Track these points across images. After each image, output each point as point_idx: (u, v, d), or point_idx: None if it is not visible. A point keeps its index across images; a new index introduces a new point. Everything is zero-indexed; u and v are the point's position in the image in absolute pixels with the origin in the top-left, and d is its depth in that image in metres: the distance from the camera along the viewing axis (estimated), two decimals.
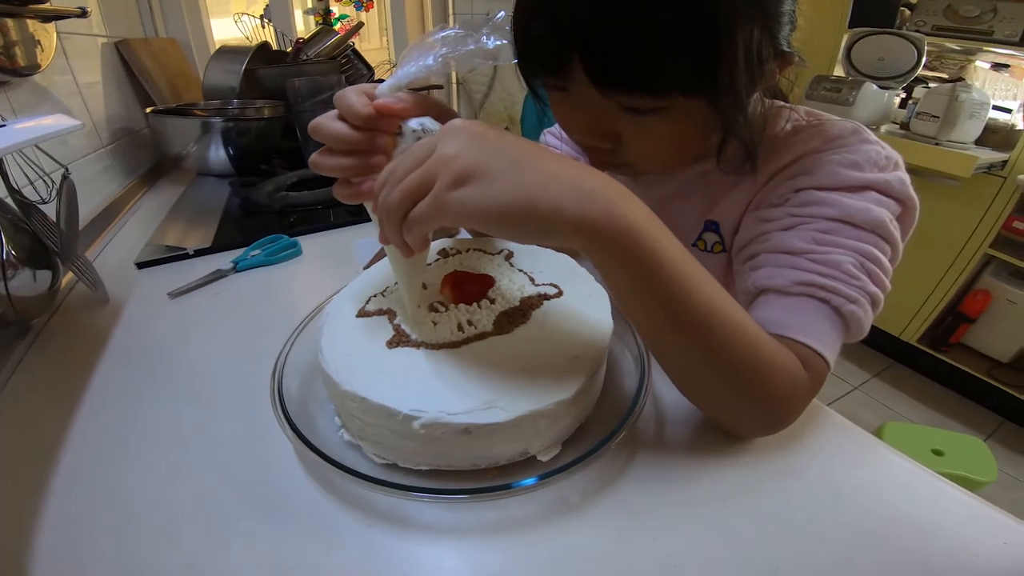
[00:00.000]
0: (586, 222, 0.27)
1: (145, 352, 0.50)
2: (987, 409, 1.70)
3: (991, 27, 1.57)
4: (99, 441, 0.39)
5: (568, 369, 0.33)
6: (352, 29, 1.41)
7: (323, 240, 0.75)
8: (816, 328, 0.36)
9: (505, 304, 0.38)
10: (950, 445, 1.30)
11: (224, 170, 1.02)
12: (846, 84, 1.73)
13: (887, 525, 0.32)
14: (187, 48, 1.45)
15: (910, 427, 1.39)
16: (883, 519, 0.32)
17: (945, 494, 0.34)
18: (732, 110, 0.37)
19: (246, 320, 0.55)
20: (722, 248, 0.49)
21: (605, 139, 0.41)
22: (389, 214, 0.29)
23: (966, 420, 1.67)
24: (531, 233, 0.28)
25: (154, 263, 0.67)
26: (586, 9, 0.33)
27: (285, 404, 0.35)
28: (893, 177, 0.39)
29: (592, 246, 0.28)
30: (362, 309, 0.39)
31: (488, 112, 1.94)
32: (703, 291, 0.31)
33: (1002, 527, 0.32)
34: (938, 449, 1.29)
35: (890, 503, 0.34)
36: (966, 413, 1.70)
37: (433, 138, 0.30)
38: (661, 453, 0.36)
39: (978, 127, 1.58)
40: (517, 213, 0.27)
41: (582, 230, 0.27)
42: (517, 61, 0.38)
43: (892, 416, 1.69)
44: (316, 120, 0.34)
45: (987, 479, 1.23)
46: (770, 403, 0.34)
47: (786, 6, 0.37)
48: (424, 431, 0.30)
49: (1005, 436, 1.62)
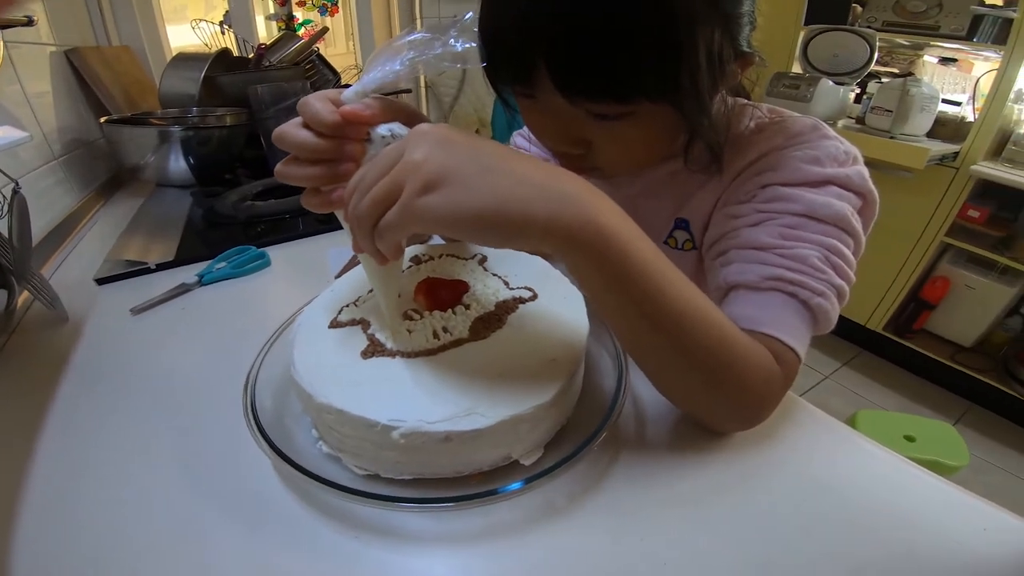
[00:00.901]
0: (558, 225, 0.27)
1: (109, 371, 0.48)
2: (954, 394, 1.76)
3: (937, 22, 1.64)
4: (66, 464, 0.37)
5: (546, 372, 0.33)
6: (316, 34, 1.38)
7: (292, 250, 0.73)
8: (786, 322, 0.37)
9: (480, 309, 0.38)
10: (921, 431, 1.33)
11: (185, 180, 0.98)
12: (804, 80, 1.78)
13: (869, 516, 0.33)
14: (142, 56, 1.40)
15: (882, 414, 1.43)
16: (865, 510, 0.33)
17: (924, 483, 0.35)
18: (696, 113, 0.38)
19: (214, 335, 0.53)
20: (692, 245, 0.50)
21: (575, 145, 0.41)
22: (359, 223, 0.29)
23: (934, 405, 1.73)
24: (503, 238, 0.27)
25: (114, 279, 0.64)
26: (549, 17, 0.34)
27: (259, 419, 0.34)
28: (852, 171, 0.41)
29: (565, 249, 0.28)
30: (334, 320, 0.39)
31: (458, 115, 1.94)
32: (677, 290, 0.31)
33: (981, 514, 0.33)
34: (910, 435, 1.32)
35: (871, 494, 0.34)
36: (934, 398, 1.76)
37: (401, 144, 0.29)
38: (644, 452, 0.37)
39: (929, 120, 1.65)
40: (488, 218, 0.26)
41: (554, 234, 0.27)
42: (485, 68, 0.37)
43: (863, 404, 1.74)
44: (280, 129, 0.33)
45: (959, 463, 1.27)
46: (746, 398, 0.35)
47: (745, 7, 0.38)
48: (404, 441, 0.30)
49: (973, 420, 1.68)
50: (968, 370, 1.67)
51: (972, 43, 1.61)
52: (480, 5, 0.37)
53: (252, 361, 0.39)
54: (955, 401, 1.75)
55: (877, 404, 1.74)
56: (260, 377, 0.38)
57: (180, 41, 1.56)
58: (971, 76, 1.89)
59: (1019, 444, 1.59)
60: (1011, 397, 1.60)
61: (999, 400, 1.65)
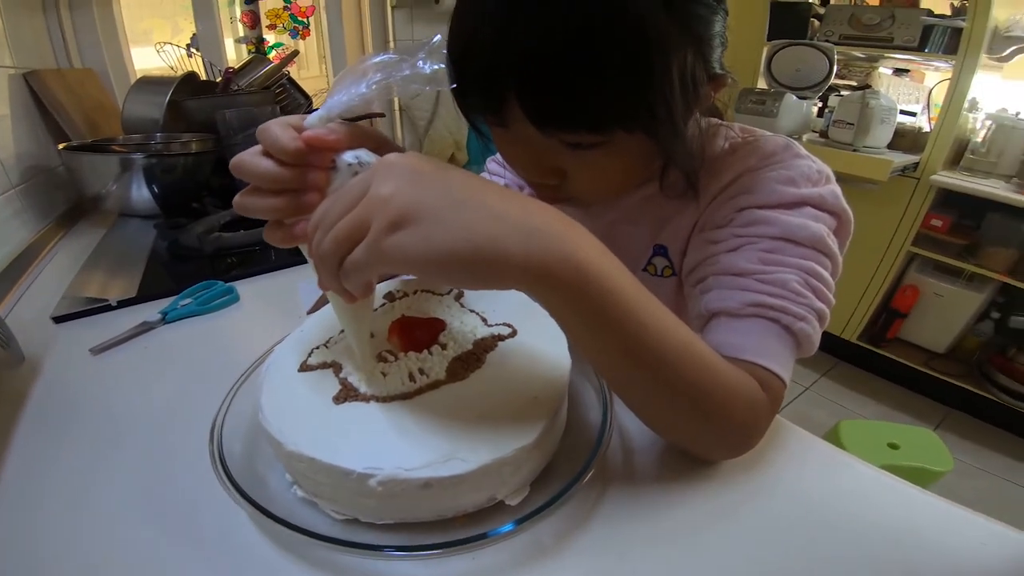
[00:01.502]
0: (536, 264, 0.26)
1: (68, 414, 0.45)
2: (932, 400, 1.80)
3: (891, 34, 1.69)
4: (22, 512, 0.35)
5: (529, 411, 0.32)
6: (287, 57, 1.37)
7: (262, 284, 0.71)
8: (770, 348, 0.36)
9: (458, 348, 0.37)
10: (903, 438, 1.34)
11: (149, 210, 0.95)
12: (769, 96, 1.82)
13: (866, 537, 0.32)
14: (105, 79, 1.36)
15: (864, 423, 1.43)
16: (861, 532, 0.33)
17: (918, 500, 0.35)
18: (671, 140, 0.37)
19: (180, 375, 0.51)
20: (672, 272, 0.49)
21: (549, 175, 0.41)
22: (323, 261, 0.27)
23: (914, 412, 1.76)
24: (477, 278, 0.26)
25: (73, 316, 0.61)
26: (518, 48, 0.33)
27: (228, 467, 0.32)
28: (826, 191, 0.41)
29: (542, 288, 0.27)
30: (304, 363, 0.37)
31: (433, 138, 1.93)
32: (658, 323, 0.30)
33: (978, 527, 0.33)
34: (893, 443, 1.33)
35: (865, 515, 0.34)
36: (913, 405, 1.79)
37: (367, 176, 0.28)
38: (632, 485, 0.36)
39: (889, 132, 1.70)
40: (461, 258, 0.25)
41: (532, 272, 0.26)
42: (455, 98, 0.37)
43: (844, 413, 1.76)
44: (238, 157, 0.31)
45: (944, 468, 1.27)
46: (733, 428, 0.34)
47: (716, 27, 0.38)
48: (382, 488, 0.29)
49: (953, 424, 1.71)
50: (944, 376, 1.71)
51: (924, 53, 1.66)
52: (448, 33, 0.36)
53: (219, 405, 0.37)
54: (933, 407, 1.79)
55: (858, 413, 1.77)
56: (229, 421, 0.36)
57: (145, 64, 1.53)
58: (924, 86, 1.98)
59: (1000, 446, 1.62)
60: (987, 400, 1.64)
61: (976, 404, 1.69)
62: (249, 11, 1.71)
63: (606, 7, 0.32)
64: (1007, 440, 1.64)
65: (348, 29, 1.90)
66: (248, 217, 0.33)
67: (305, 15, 1.83)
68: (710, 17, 0.37)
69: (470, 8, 0.36)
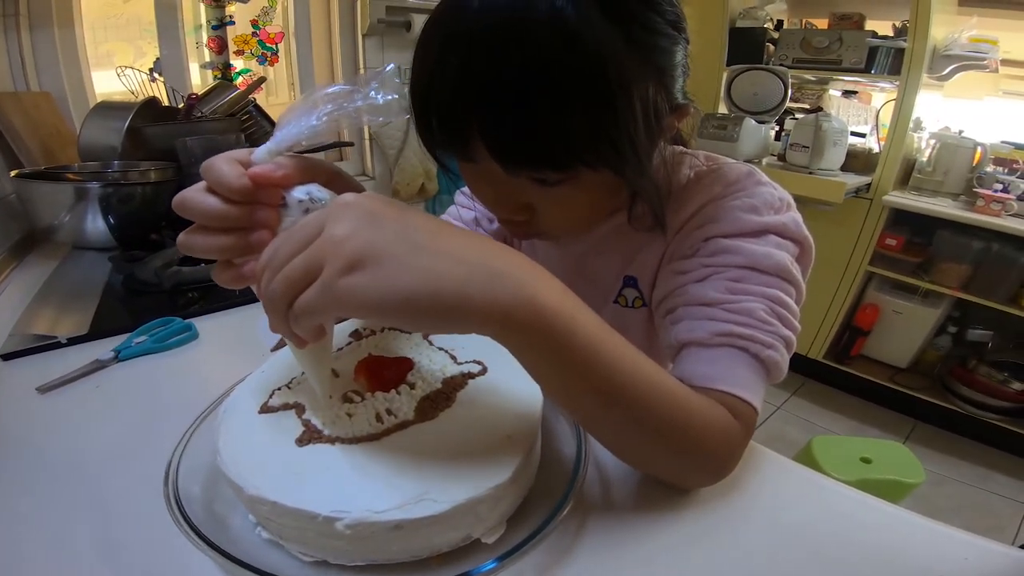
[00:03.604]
0: (497, 309, 0.26)
1: (15, 454, 0.43)
2: (899, 413, 1.85)
3: (839, 56, 1.77)
4: None
5: (502, 450, 0.31)
6: (253, 84, 1.35)
7: (223, 321, 0.68)
8: (740, 377, 0.37)
9: (427, 388, 0.36)
10: (875, 452, 1.36)
11: (104, 243, 0.90)
12: (730, 120, 1.88)
13: (848, 558, 0.32)
14: (64, 103, 1.31)
15: (836, 439, 1.45)
16: (841, 553, 0.33)
17: (898, 519, 0.36)
18: (636, 175, 0.37)
19: (133, 416, 0.48)
20: (643, 303, 0.50)
21: (518, 211, 0.41)
22: (272, 303, 0.26)
23: (883, 425, 1.81)
24: (436, 323, 0.26)
25: (20, 354, 0.57)
26: (481, 89, 0.33)
27: (184, 509, 0.30)
28: (788, 218, 0.42)
29: (505, 333, 0.27)
30: (265, 404, 0.35)
31: (403, 167, 1.91)
32: (625, 362, 0.30)
33: (960, 543, 0.34)
34: (866, 457, 1.34)
35: (844, 535, 0.34)
36: (882, 419, 1.84)
37: (320, 215, 0.27)
38: (610, 514, 0.36)
39: (841, 154, 1.77)
40: (420, 302, 0.24)
41: (493, 318, 0.26)
42: (419, 136, 0.36)
43: (816, 430, 1.80)
44: (181, 194, 0.30)
45: (917, 480, 1.30)
46: (707, 458, 0.34)
47: (678, 57, 0.38)
48: (351, 531, 0.27)
49: (921, 436, 1.76)
50: (908, 390, 1.77)
51: (870, 75, 1.75)
52: (411, 70, 0.36)
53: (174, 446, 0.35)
54: (901, 420, 1.83)
55: (830, 430, 1.81)
56: (186, 462, 0.34)
57: (107, 87, 1.48)
58: (871, 107, 2.08)
59: (967, 455, 1.68)
60: (951, 411, 1.70)
61: (941, 415, 1.74)
62: (216, 36, 1.69)
63: (565, 45, 0.31)
64: (975, 448, 1.70)
65: (318, 56, 1.90)
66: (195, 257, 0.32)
67: (274, 41, 1.82)
68: (671, 48, 0.37)
69: (431, 48, 0.35)
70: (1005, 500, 1.50)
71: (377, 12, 1.74)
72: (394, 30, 1.83)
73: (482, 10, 0.32)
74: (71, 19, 1.35)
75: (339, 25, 1.83)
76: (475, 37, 0.32)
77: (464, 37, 0.33)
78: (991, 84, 1.80)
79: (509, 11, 0.32)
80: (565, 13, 0.31)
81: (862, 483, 1.31)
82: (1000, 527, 1.41)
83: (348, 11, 1.81)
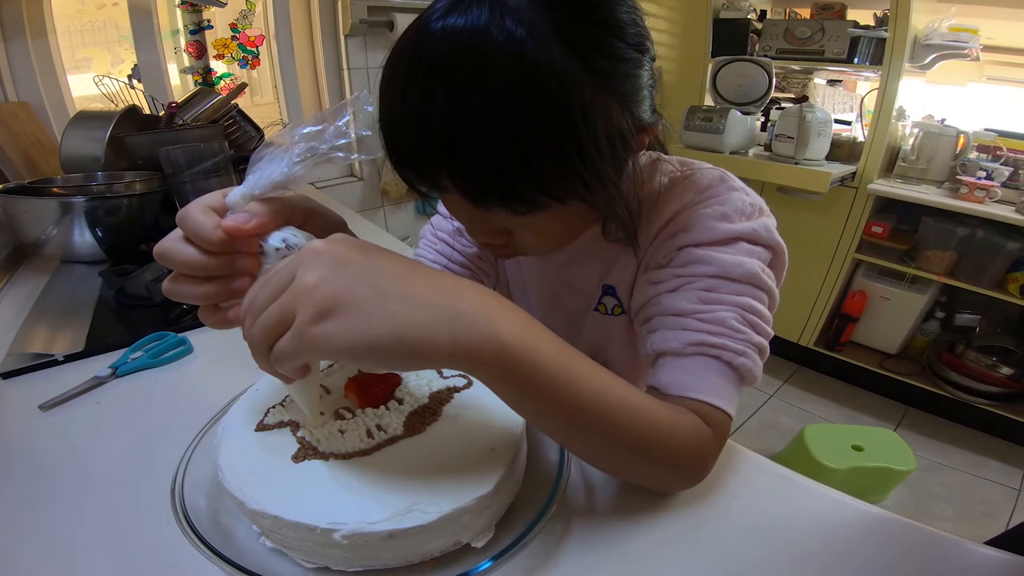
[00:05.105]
0: (461, 348, 0.27)
1: (21, 472, 0.44)
2: (890, 399, 1.87)
3: (822, 46, 1.78)
4: None
5: (487, 461, 0.33)
6: (235, 90, 1.34)
7: (215, 333, 0.67)
8: (713, 385, 0.38)
9: (414, 403, 0.37)
10: (867, 440, 1.37)
11: (93, 256, 0.90)
12: (716, 112, 1.88)
13: (822, 555, 0.34)
14: (42, 112, 1.30)
15: (828, 427, 1.45)
16: (817, 552, 0.34)
17: (874, 518, 0.37)
18: (606, 202, 0.37)
19: (135, 431, 0.49)
20: (622, 310, 0.51)
21: (495, 235, 0.41)
22: (253, 348, 0.28)
23: (874, 412, 1.83)
24: (404, 363, 0.27)
25: (19, 372, 0.58)
26: (441, 130, 0.32)
27: (192, 522, 0.32)
28: (759, 225, 0.42)
29: (472, 368, 0.28)
30: (261, 422, 0.37)
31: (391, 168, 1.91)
32: (593, 386, 0.31)
33: (937, 542, 0.35)
34: (858, 445, 1.35)
35: (820, 535, 0.36)
36: (873, 405, 1.86)
37: (292, 263, 0.28)
38: (594, 517, 0.37)
39: (826, 144, 1.78)
40: (386, 347, 0.26)
41: (458, 356, 0.27)
42: (394, 169, 0.37)
43: (809, 417, 1.81)
44: (161, 245, 0.31)
45: (908, 468, 1.30)
46: (682, 465, 0.36)
47: (644, 78, 0.37)
48: (347, 541, 0.29)
49: (913, 422, 1.78)
50: (898, 376, 1.79)
51: (853, 64, 1.75)
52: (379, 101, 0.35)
53: (177, 462, 0.36)
54: (893, 406, 1.85)
55: (822, 417, 1.83)
56: (190, 477, 0.36)
57: (84, 92, 1.46)
58: (856, 95, 2.08)
59: (958, 440, 1.69)
60: (941, 396, 1.72)
61: (931, 400, 1.77)
62: (195, 41, 1.68)
63: (525, 80, 0.30)
64: (967, 434, 1.71)
65: (300, 58, 1.89)
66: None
67: (254, 44, 1.80)
68: (635, 72, 0.36)
69: (395, 82, 0.34)
70: (997, 486, 1.51)
71: (359, 12, 1.72)
72: (377, 30, 1.82)
73: (443, 40, 0.31)
74: (44, 28, 1.34)
75: (320, 26, 1.81)
76: (434, 73, 0.31)
77: (424, 72, 0.32)
78: (975, 70, 1.81)
79: (468, 44, 0.31)
80: (525, 47, 0.30)
81: (854, 472, 1.31)
82: (992, 513, 1.42)
83: (329, 12, 1.79)
